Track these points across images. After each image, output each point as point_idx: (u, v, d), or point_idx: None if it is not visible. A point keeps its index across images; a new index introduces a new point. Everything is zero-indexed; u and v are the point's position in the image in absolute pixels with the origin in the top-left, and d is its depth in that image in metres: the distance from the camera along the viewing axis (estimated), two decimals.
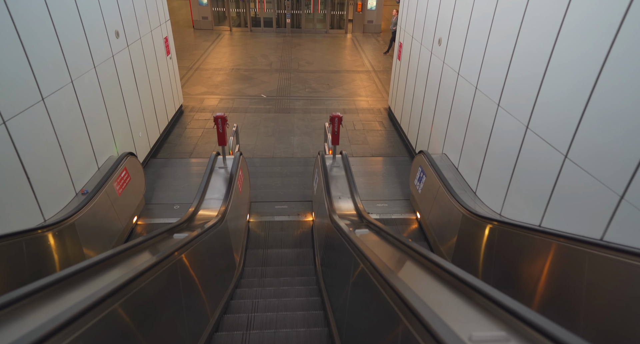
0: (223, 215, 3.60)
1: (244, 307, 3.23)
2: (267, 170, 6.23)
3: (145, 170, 6.02)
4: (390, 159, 6.69)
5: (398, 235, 2.46)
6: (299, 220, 5.17)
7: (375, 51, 13.55)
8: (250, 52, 12.91)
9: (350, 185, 4.41)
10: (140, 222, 4.93)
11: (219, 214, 3.58)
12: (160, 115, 6.89)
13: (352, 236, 2.63)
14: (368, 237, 2.97)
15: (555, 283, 2.64)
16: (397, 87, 7.84)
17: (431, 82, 5.76)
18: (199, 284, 2.78)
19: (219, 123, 4.66)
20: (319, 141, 7.23)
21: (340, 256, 3.06)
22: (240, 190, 4.71)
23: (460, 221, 3.90)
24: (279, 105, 8.77)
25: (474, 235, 3.71)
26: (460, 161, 4.71)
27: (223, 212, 3.63)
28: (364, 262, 2.11)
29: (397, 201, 5.55)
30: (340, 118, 4.81)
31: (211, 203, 4.02)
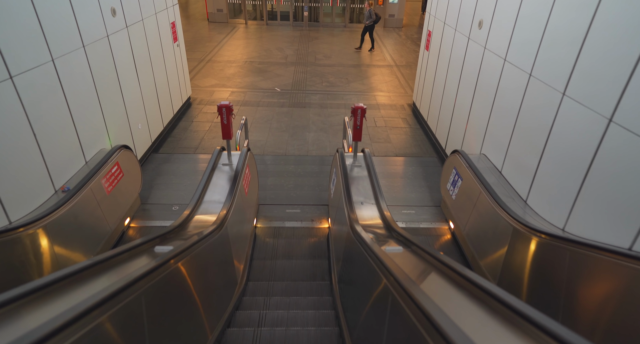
0: (222, 222, 2.98)
1: (244, 339, 2.60)
2: (278, 169, 5.61)
3: (145, 165, 5.47)
4: (416, 159, 5.98)
5: (450, 260, 1.78)
6: (313, 227, 4.53)
7: (397, 45, 12.81)
8: (265, 45, 12.34)
9: (375, 188, 3.74)
10: (134, 224, 4.36)
11: (218, 220, 2.96)
12: (165, 107, 6.34)
13: (384, 259, 1.98)
14: (404, 259, 2.30)
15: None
16: (424, 81, 7.11)
17: (467, 72, 5.04)
18: (184, 314, 2.16)
19: (223, 113, 4.05)
20: (337, 138, 6.58)
21: (365, 279, 2.41)
22: (247, 191, 4.10)
23: (511, 236, 3.19)
24: (294, 99, 8.14)
25: (530, 253, 3.00)
26: (505, 163, 3.98)
27: (222, 218, 3.01)
28: (405, 301, 1.47)
29: (426, 208, 4.85)
30: (364, 110, 4.15)
31: (210, 206, 3.40)
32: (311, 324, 2.86)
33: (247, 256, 3.86)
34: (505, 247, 3.26)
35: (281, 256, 4.03)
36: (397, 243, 2.64)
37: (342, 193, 3.70)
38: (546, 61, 3.29)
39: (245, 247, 3.85)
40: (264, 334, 2.67)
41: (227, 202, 3.38)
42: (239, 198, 3.69)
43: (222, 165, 4.14)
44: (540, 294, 2.90)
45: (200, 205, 3.43)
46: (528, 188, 3.52)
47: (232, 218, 3.38)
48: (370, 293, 2.25)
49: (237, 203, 3.60)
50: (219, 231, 2.90)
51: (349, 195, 3.61)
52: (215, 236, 2.83)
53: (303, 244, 4.25)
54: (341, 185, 3.83)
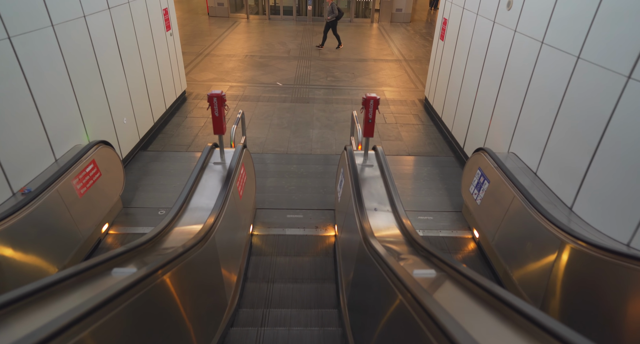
0: (207, 234, 2.43)
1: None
2: (279, 169, 5.06)
3: (130, 164, 4.94)
4: (431, 159, 5.42)
5: (509, 296, 1.24)
6: (318, 235, 3.97)
7: (405, 40, 12.24)
8: (267, 40, 11.80)
9: (391, 192, 3.18)
10: (113, 231, 3.83)
11: (202, 232, 2.41)
12: (156, 101, 5.81)
13: (417, 293, 1.44)
14: (438, 287, 1.75)
15: None
16: (439, 74, 6.55)
17: (492, 60, 4.47)
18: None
19: (214, 103, 3.50)
20: (343, 135, 6.02)
21: (386, 314, 1.86)
22: (241, 194, 3.55)
23: (558, 251, 2.62)
24: (297, 94, 7.60)
25: (585, 274, 2.44)
26: (542, 163, 3.42)
27: (208, 229, 2.47)
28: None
29: (445, 214, 4.29)
30: (377, 101, 3.59)
31: (196, 213, 2.86)
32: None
33: (240, 269, 3.31)
34: (550, 264, 2.70)
35: (280, 271, 3.47)
36: (426, 263, 2.08)
37: (352, 197, 3.16)
38: (604, 38, 2.72)
39: (238, 260, 3.30)
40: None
41: (216, 208, 2.83)
42: (231, 203, 3.15)
43: (214, 163, 3.60)
44: (602, 325, 2.34)
45: (184, 212, 2.89)
46: (574, 193, 2.95)
47: (223, 227, 2.84)
48: (396, 334, 1.70)
49: (229, 208, 3.06)
50: (203, 245, 2.35)
51: (360, 199, 3.06)
52: (198, 252, 2.28)
53: (306, 254, 3.70)
54: (350, 188, 3.28)
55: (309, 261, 3.58)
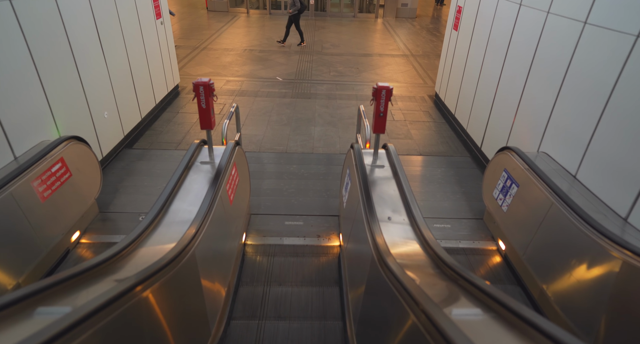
0: (180, 253, 1.94)
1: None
2: (277, 169, 4.57)
3: (112, 163, 4.45)
4: (444, 159, 4.92)
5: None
6: (320, 245, 3.48)
7: (411, 35, 11.74)
8: (267, 34, 11.32)
9: (407, 197, 2.69)
10: (85, 240, 3.34)
11: (176, 249, 1.93)
12: (144, 94, 5.32)
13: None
14: (489, 338, 1.26)
15: None
16: (451, 67, 6.05)
17: (517, 48, 3.97)
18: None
19: (200, 93, 3.01)
20: (348, 133, 5.53)
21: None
22: (232, 198, 3.07)
23: (618, 273, 2.13)
24: (298, 89, 7.11)
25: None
26: (584, 164, 2.92)
27: (184, 247, 1.98)
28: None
29: (464, 222, 3.79)
30: (389, 91, 3.09)
31: (172, 225, 2.36)
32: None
33: (229, 289, 2.82)
34: (605, 288, 2.20)
35: (272, 314, 2.97)
36: (464, 295, 1.59)
37: (360, 203, 2.67)
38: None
39: (226, 276, 2.81)
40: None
41: (198, 218, 2.34)
42: (219, 209, 2.67)
43: (201, 163, 3.11)
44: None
45: (159, 223, 2.40)
46: (631, 201, 2.45)
47: (207, 240, 2.35)
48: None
49: (216, 216, 2.58)
50: (175, 266, 1.86)
51: (371, 206, 2.57)
52: (168, 276, 1.80)
53: (306, 267, 3.20)
54: (358, 192, 2.80)
55: (310, 269, 3.08)
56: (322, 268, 3.24)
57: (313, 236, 3.58)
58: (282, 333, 2.55)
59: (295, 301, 2.87)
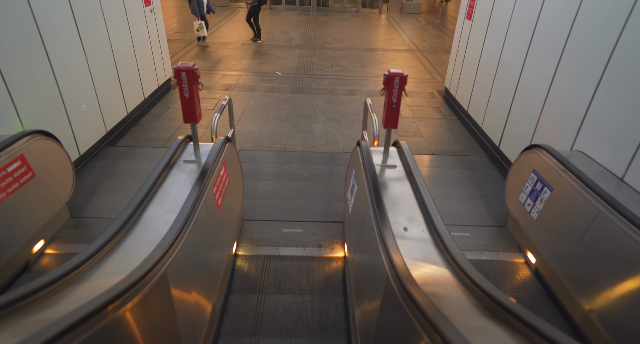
0: (143, 276, 1.51)
1: None
2: (274, 169, 4.14)
3: (91, 162, 4.02)
4: (458, 159, 4.48)
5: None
6: (322, 257, 3.04)
7: (417, 30, 11.30)
8: (267, 28, 10.89)
9: (425, 203, 2.25)
10: (51, 250, 2.91)
11: (137, 276, 1.50)
12: (130, 88, 4.90)
13: None
14: None
15: None
16: (464, 60, 5.60)
17: (545, 33, 3.53)
18: None
19: (183, 80, 2.57)
20: (352, 130, 5.09)
21: None
22: (219, 203, 2.64)
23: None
24: (298, 84, 6.67)
25: None
26: (634, 165, 2.48)
27: (147, 270, 1.55)
28: None
29: (485, 230, 3.35)
30: (403, 79, 2.64)
31: (143, 238, 1.92)
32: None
33: (214, 308, 2.39)
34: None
35: (266, 334, 2.54)
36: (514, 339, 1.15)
37: (370, 209, 2.25)
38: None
39: (211, 294, 2.38)
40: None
41: (175, 228, 1.91)
42: (202, 216, 2.24)
43: (184, 162, 2.67)
44: None
45: (128, 233, 1.96)
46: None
47: (185, 255, 1.93)
48: None
49: (200, 224, 2.15)
50: (136, 295, 1.43)
51: (383, 214, 2.13)
52: (123, 310, 1.37)
53: (305, 280, 2.77)
54: (367, 196, 2.37)
55: (310, 285, 2.64)
56: (323, 283, 2.80)
57: (314, 245, 3.14)
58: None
59: (291, 321, 2.43)
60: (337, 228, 3.34)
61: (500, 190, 3.85)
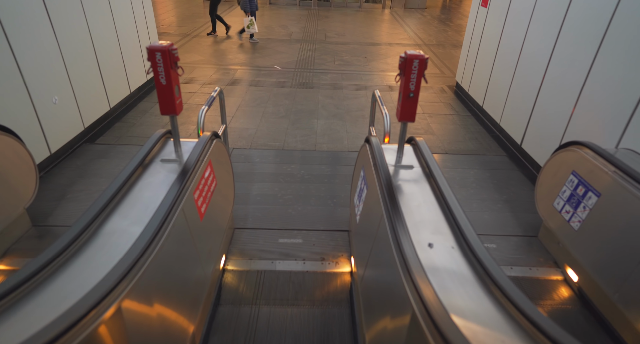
0: (82, 317, 1.07)
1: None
2: (271, 170, 3.70)
3: (65, 162, 3.59)
4: (476, 159, 4.04)
5: None
6: (325, 272, 2.60)
7: (422, 25, 10.86)
8: (266, 23, 10.46)
9: (452, 211, 1.81)
10: (4, 266, 2.46)
11: (72, 319, 1.06)
12: (114, 80, 4.46)
13: None
14: None
15: None
16: (478, 53, 5.16)
17: (578, 18, 3.09)
18: None
19: (157, 62, 2.13)
20: (356, 127, 4.65)
21: None
22: (203, 210, 2.21)
23: None
24: (298, 79, 6.23)
25: None
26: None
27: (91, 306, 1.11)
28: None
29: (512, 240, 2.90)
30: (423, 62, 2.20)
31: (96, 259, 1.48)
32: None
33: (192, 340, 1.94)
34: None
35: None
36: None
37: (384, 219, 1.82)
38: None
39: (190, 322, 1.93)
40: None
41: (138, 246, 1.49)
42: (179, 228, 1.82)
43: (162, 161, 2.23)
44: None
45: (78, 252, 1.52)
46: None
47: (151, 280, 1.50)
48: None
49: (175, 237, 1.73)
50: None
51: (401, 225, 1.70)
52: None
53: (306, 304, 2.33)
54: (380, 202, 1.94)
55: (311, 312, 2.20)
56: (326, 306, 2.36)
57: (315, 258, 2.70)
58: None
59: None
60: (342, 237, 2.90)
61: (526, 194, 3.41)
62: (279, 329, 2.16)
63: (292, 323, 2.20)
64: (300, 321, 2.22)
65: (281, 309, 2.31)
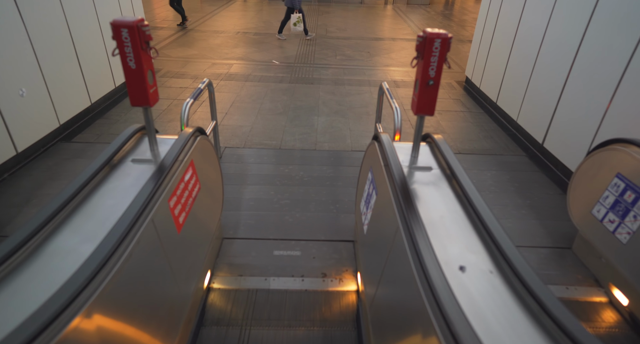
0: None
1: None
2: (266, 172, 3.33)
3: (34, 162, 3.21)
4: (493, 159, 3.66)
5: None
6: (326, 291, 2.23)
7: (426, 20, 10.49)
8: (264, 18, 10.08)
9: (486, 223, 1.42)
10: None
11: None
12: (95, 73, 4.09)
13: None
14: None
15: None
16: (491, 45, 4.79)
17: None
18: None
19: (124, 40, 1.75)
20: (360, 124, 4.28)
21: None
22: (182, 220, 1.84)
23: None
24: (298, 74, 5.86)
25: None
26: None
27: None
28: None
29: (543, 253, 2.53)
30: (446, 41, 1.82)
31: (18, 299, 1.11)
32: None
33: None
34: None
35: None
36: None
37: (401, 232, 1.47)
38: None
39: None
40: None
41: (80, 277, 1.11)
42: (148, 245, 1.46)
43: (134, 161, 1.86)
44: None
45: (10, 278, 1.14)
46: None
47: (109, 310, 1.12)
48: None
49: (141, 257, 1.37)
50: None
51: (424, 242, 1.33)
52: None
53: (304, 337, 1.95)
54: (395, 212, 1.58)
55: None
56: (328, 330, 1.98)
57: (316, 274, 2.33)
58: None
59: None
60: (347, 249, 2.53)
61: (553, 198, 3.04)
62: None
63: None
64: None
65: (275, 333, 1.94)
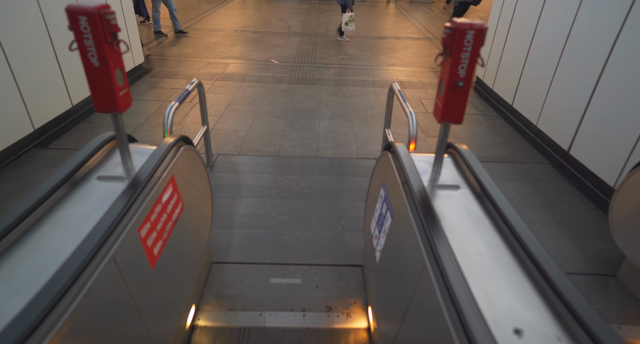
0: None
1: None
2: (263, 183, 2.98)
3: (1, 172, 2.86)
4: (513, 168, 3.32)
5: None
6: (332, 329, 1.88)
7: (430, 19, 10.16)
8: (263, 16, 9.74)
9: (545, 270, 1.07)
10: None
11: None
12: (76, 73, 3.74)
13: None
14: None
15: None
16: (505, 43, 4.45)
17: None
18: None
19: (83, 31, 1.40)
20: (366, 129, 3.94)
21: None
22: (157, 254, 1.49)
23: None
24: (297, 74, 5.52)
25: None
26: None
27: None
28: None
29: (581, 280, 2.18)
30: (481, 33, 1.49)
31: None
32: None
33: None
34: None
35: None
36: None
37: (428, 272, 1.11)
38: None
39: None
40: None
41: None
42: (109, 293, 1.11)
43: (99, 178, 1.51)
44: None
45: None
46: None
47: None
48: None
49: (98, 312, 1.01)
50: None
51: (463, 288, 0.98)
52: None
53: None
54: (419, 244, 1.23)
55: None
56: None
57: (319, 308, 1.98)
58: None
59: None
60: (355, 276, 2.18)
61: (586, 214, 2.70)
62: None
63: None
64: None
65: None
